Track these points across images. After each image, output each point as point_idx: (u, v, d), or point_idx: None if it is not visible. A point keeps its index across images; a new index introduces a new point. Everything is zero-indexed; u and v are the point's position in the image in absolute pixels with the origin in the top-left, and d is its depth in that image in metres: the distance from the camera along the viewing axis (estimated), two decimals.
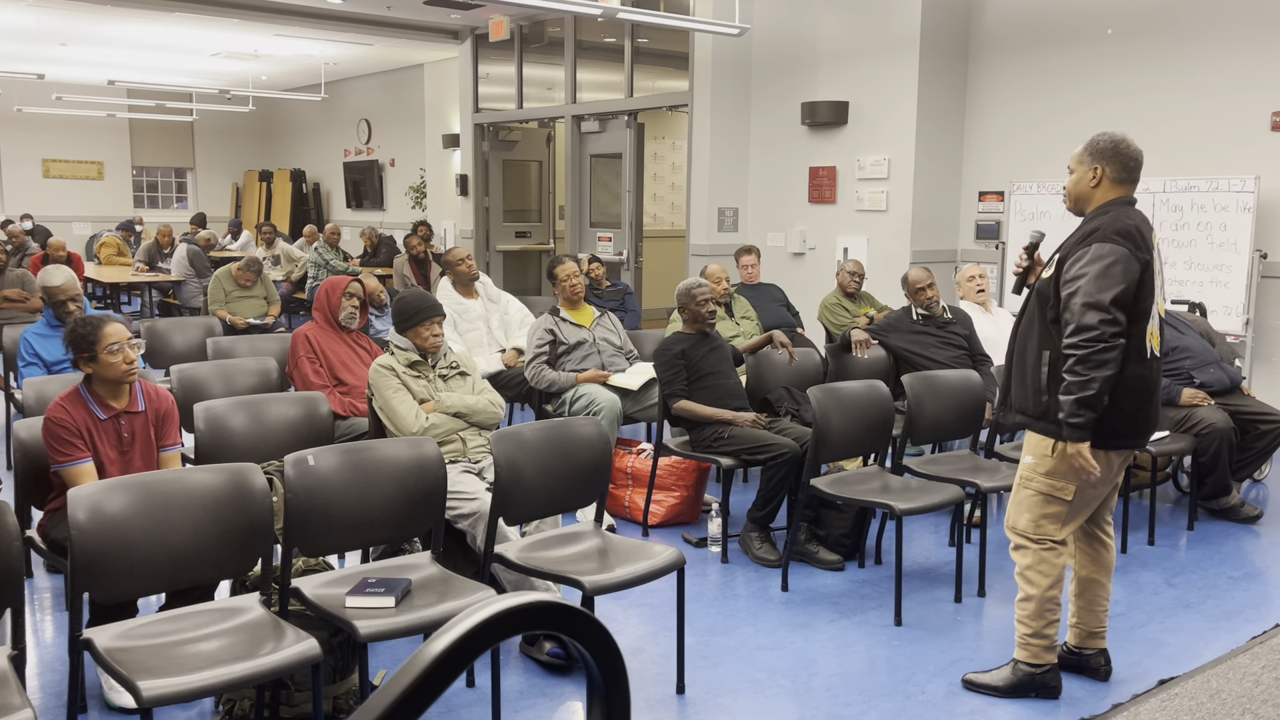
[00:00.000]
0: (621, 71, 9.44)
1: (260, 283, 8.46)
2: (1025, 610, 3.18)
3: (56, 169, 16.33)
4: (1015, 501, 3.19)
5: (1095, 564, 3.29)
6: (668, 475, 4.90)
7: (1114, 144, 3.05)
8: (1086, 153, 3.08)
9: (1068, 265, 2.99)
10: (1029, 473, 3.13)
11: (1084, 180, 3.08)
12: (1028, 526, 3.14)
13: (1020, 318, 3.20)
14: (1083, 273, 2.93)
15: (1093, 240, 2.95)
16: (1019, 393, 3.16)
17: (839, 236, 8.02)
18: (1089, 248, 2.95)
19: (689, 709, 3.16)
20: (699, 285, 4.79)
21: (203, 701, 3.10)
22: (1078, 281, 2.93)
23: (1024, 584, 3.17)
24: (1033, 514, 3.13)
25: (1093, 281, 2.90)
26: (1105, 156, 3.05)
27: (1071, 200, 3.14)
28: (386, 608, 2.83)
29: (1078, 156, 3.10)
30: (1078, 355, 2.92)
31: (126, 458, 3.30)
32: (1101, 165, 3.05)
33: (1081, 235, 3.02)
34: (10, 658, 2.48)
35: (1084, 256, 2.95)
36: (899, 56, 7.47)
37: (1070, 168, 3.14)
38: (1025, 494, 3.15)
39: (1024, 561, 3.17)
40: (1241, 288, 6.12)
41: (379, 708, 0.65)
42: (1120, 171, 3.04)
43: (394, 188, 14.97)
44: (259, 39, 11.57)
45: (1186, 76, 6.51)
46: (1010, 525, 3.21)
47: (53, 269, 5.11)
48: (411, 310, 4.03)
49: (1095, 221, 3.02)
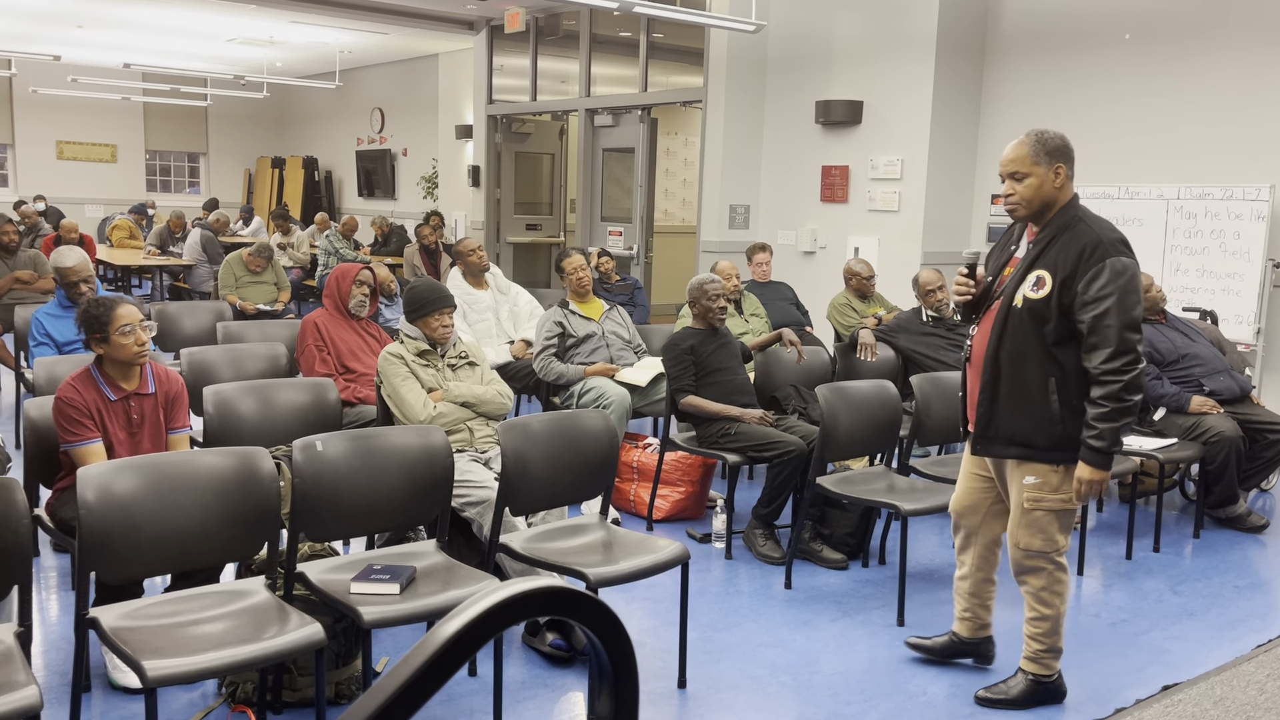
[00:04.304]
0: (636, 66, 9.43)
1: (271, 269, 8.47)
2: (1041, 629, 3.13)
3: (70, 151, 16.38)
4: (1023, 525, 3.05)
5: (993, 566, 3.33)
6: (673, 470, 4.90)
7: (1063, 140, 2.95)
8: (1041, 154, 2.91)
9: (1082, 285, 2.82)
10: (1036, 494, 3.00)
11: (1047, 183, 2.91)
12: (1045, 545, 3.04)
13: (996, 340, 2.97)
14: (1106, 292, 2.79)
15: (1098, 256, 2.82)
16: (1015, 424, 2.97)
17: (850, 236, 8.00)
18: (1102, 264, 2.81)
19: (690, 703, 3.17)
20: (711, 281, 4.79)
21: (206, 683, 3.11)
22: (1104, 302, 2.79)
23: (1040, 606, 3.11)
24: (1047, 532, 3.03)
25: (1121, 300, 2.79)
26: (1062, 155, 2.93)
27: (1032, 206, 2.94)
28: (391, 594, 2.84)
29: (1028, 160, 2.91)
30: (1124, 381, 2.79)
31: (135, 439, 3.31)
32: (1061, 164, 2.93)
33: (1078, 250, 2.84)
34: (16, 634, 2.49)
35: (1100, 274, 2.80)
36: (915, 57, 7.45)
37: (1018, 173, 2.92)
38: (1036, 515, 3.02)
39: (1039, 583, 3.09)
40: (1254, 296, 6.10)
41: (392, 686, 0.65)
42: (1072, 167, 2.97)
43: (406, 177, 14.98)
44: (275, 25, 11.58)
45: (1203, 84, 6.48)
46: (1023, 548, 3.07)
47: (66, 250, 5.13)
48: (422, 300, 4.04)
49: (1077, 231, 2.88)
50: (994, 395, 3.00)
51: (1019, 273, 2.98)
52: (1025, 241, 3.05)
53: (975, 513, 3.28)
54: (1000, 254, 3.16)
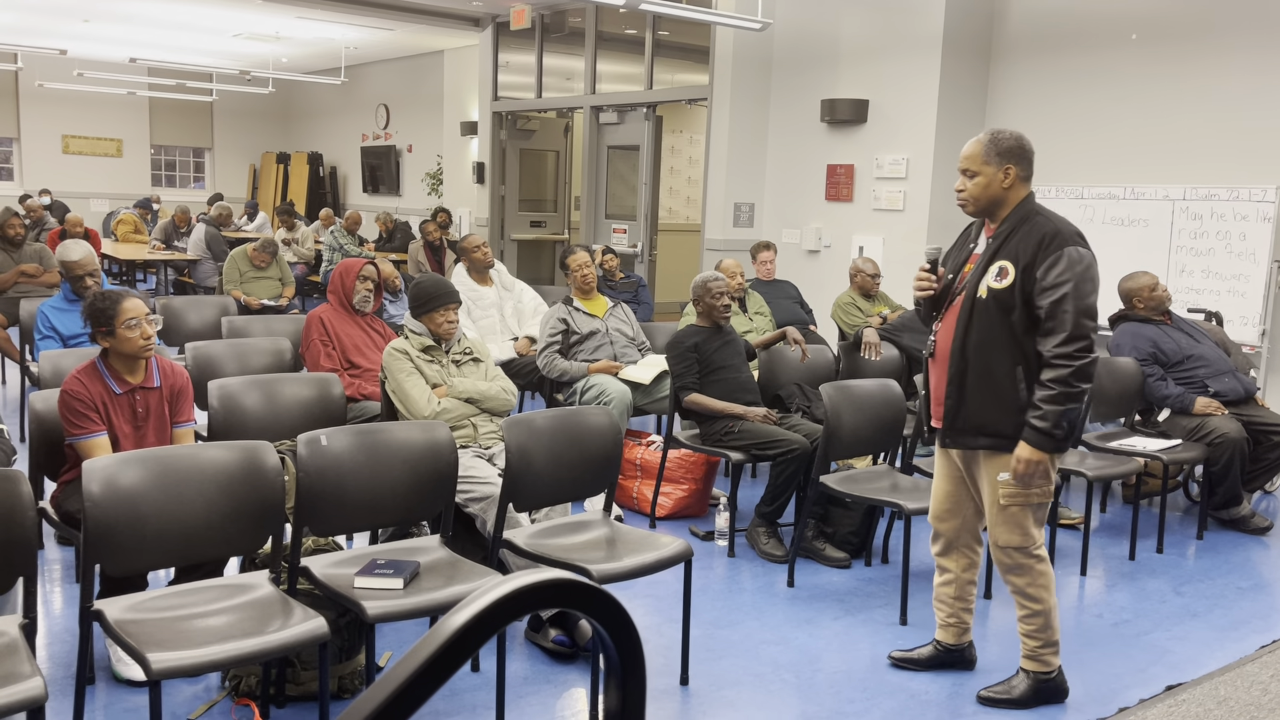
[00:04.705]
0: (641, 63, 9.43)
1: (275, 264, 8.48)
2: (1034, 625, 3.12)
3: (76, 145, 16.40)
4: (1001, 523, 3.05)
5: (974, 566, 3.33)
6: (676, 468, 4.90)
7: (1018, 141, 2.97)
8: (993, 153, 2.95)
9: (1040, 271, 2.87)
10: (1010, 490, 3.00)
11: (995, 183, 2.96)
12: (1024, 541, 3.04)
13: (963, 332, 2.99)
14: (1064, 279, 2.84)
15: (1056, 244, 2.87)
16: (984, 414, 2.98)
17: (855, 235, 8.00)
18: (1061, 252, 2.85)
19: (692, 700, 3.17)
20: (715, 278, 4.79)
21: (209, 676, 3.12)
22: (1062, 288, 2.84)
23: (1029, 602, 3.10)
24: (1023, 526, 3.03)
25: (1078, 287, 2.84)
26: (1014, 155, 2.96)
27: (979, 204, 2.99)
28: (394, 589, 2.84)
29: (980, 158, 2.96)
30: (1075, 366, 2.83)
31: (140, 432, 3.32)
32: (1012, 165, 2.96)
33: (1038, 239, 2.89)
34: (21, 626, 2.49)
35: (1058, 261, 2.85)
36: (921, 56, 7.44)
37: (970, 170, 2.98)
38: (1012, 511, 3.02)
39: (1022, 580, 3.08)
40: (1259, 298, 6.09)
41: (401, 676, 0.65)
42: (1026, 169, 2.98)
43: (410, 174, 14.99)
44: (280, 21, 11.59)
45: (1209, 85, 6.47)
46: (1002, 547, 3.07)
47: (72, 244, 5.14)
48: (428, 295, 4.04)
49: (1035, 223, 2.93)
50: (961, 386, 3.02)
51: (980, 266, 3.00)
52: (984, 238, 3.08)
53: (955, 516, 3.27)
54: (960, 252, 3.18)
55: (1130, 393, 5.10)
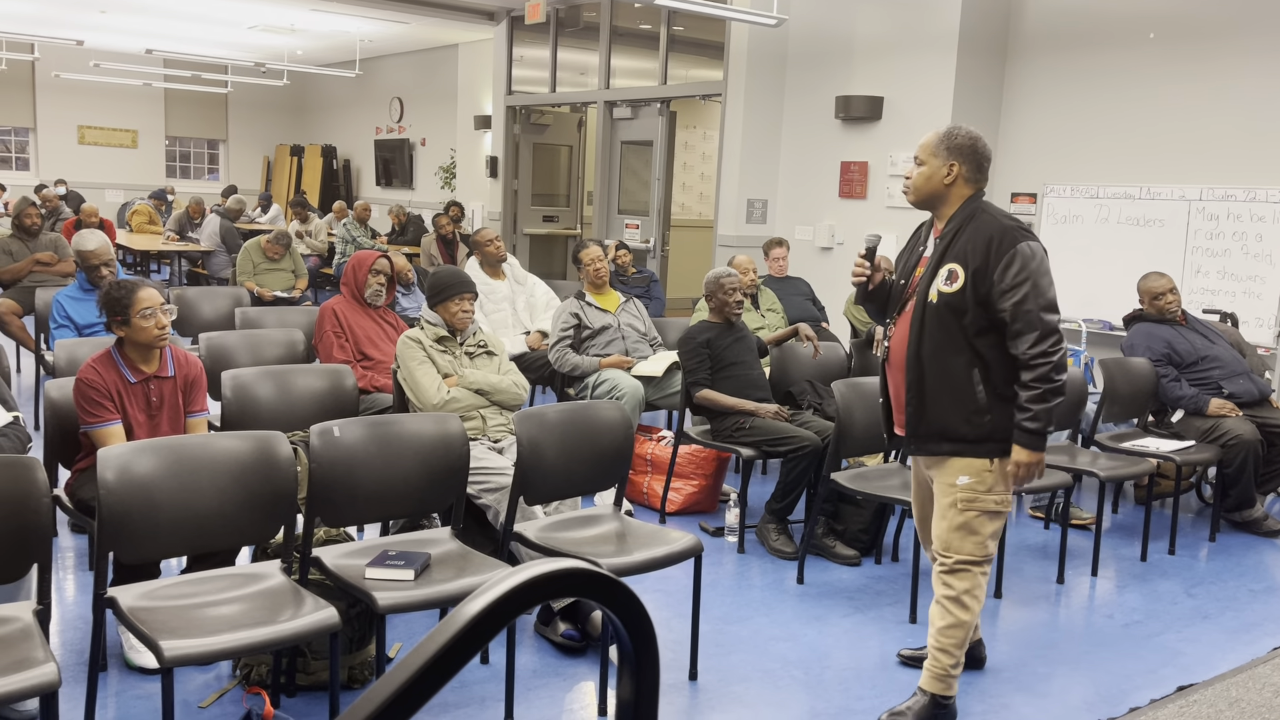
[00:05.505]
0: (656, 59, 9.42)
1: (289, 256, 8.50)
2: (952, 639, 2.97)
3: (91, 136, 16.47)
4: (953, 527, 2.95)
5: None
6: (687, 463, 4.90)
7: (972, 142, 2.91)
8: (942, 146, 2.89)
9: (996, 274, 2.80)
10: (971, 494, 2.91)
11: (937, 176, 2.90)
12: (975, 549, 2.95)
13: (917, 338, 2.93)
14: (1021, 278, 2.78)
15: (1007, 243, 2.80)
16: (945, 419, 2.91)
17: (868, 232, 7.97)
18: (1013, 251, 2.79)
19: (701, 695, 3.17)
20: (728, 275, 4.78)
21: (221, 664, 3.14)
22: (1021, 288, 2.78)
23: (958, 610, 2.96)
24: (979, 534, 2.94)
25: (1036, 284, 2.79)
26: (963, 154, 2.90)
27: (919, 194, 2.95)
28: (405, 580, 2.85)
29: (930, 149, 2.91)
30: (1053, 361, 2.78)
31: (154, 421, 3.34)
32: (958, 162, 2.89)
33: (985, 240, 2.83)
34: (35, 612, 2.51)
35: (1013, 261, 2.79)
36: (936, 53, 7.41)
37: (920, 159, 2.93)
38: (968, 516, 2.92)
39: (962, 585, 2.97)
40: (1275, 299, 6.05)
41: (417, 663, 0.65)
42: (974, 171, 2.91)
43: (424, 167, 15.01)
44: (296, 13, 11.61)
45: (1227, 85, 6.43)
46: (947, 551, 2.97)
47: (87, 233, 5.17)
48: (444, 284, 4.06)
49: (981, 221, 2.87)
50: (920, 392, 2.95)
51: (930, 269, 2.95)
52: (933, 239, 3.02)
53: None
54: (910, 255, 3.11)
55: (1144, 393, 5.08)
